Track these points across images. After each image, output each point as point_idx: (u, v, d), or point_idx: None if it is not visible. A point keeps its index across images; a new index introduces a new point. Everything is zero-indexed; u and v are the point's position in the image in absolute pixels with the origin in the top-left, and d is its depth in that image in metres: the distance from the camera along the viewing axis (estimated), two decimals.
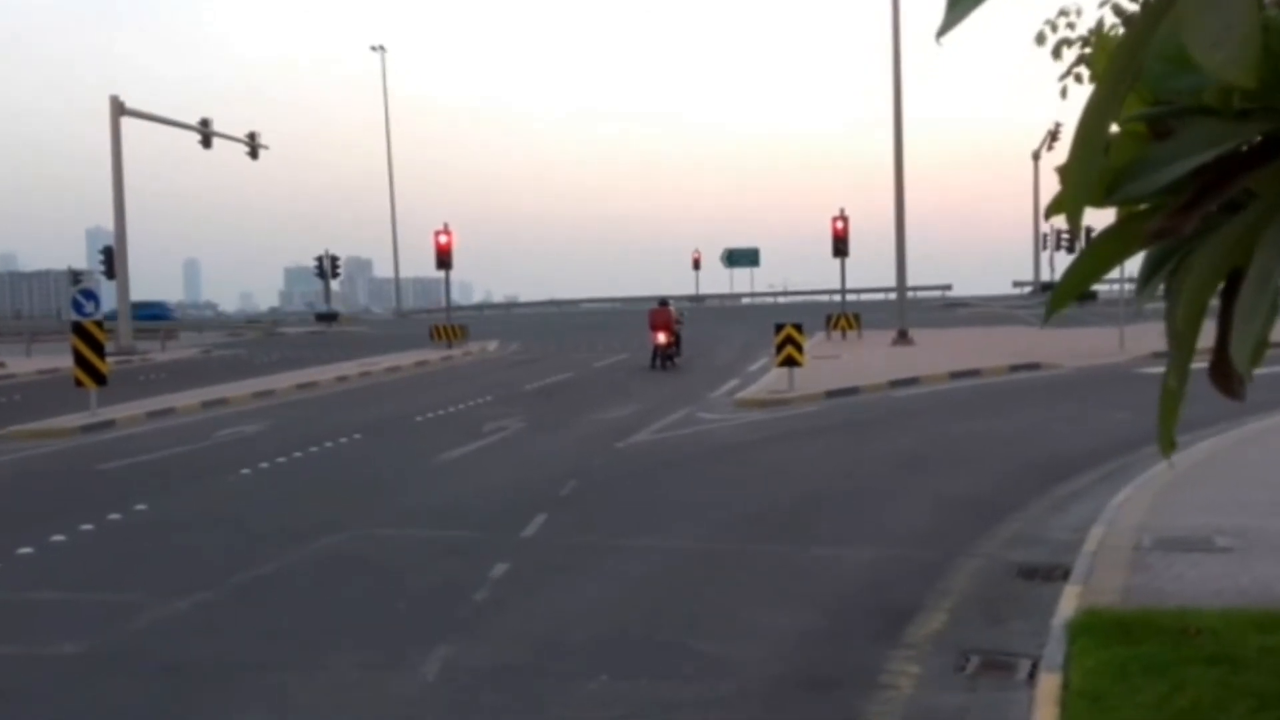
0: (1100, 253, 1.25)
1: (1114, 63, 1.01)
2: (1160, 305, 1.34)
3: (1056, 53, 5.83)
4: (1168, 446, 1.30)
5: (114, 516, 10.83)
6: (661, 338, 25.65)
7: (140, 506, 11.32)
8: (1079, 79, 5.56)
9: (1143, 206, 1.20)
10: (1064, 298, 1.35)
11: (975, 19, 1.18)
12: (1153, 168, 1.12)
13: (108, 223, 38.83)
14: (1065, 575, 7.53)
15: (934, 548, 8.80)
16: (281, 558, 9.14)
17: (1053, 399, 18.35)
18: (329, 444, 15.45)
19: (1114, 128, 1.13)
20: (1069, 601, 6.73)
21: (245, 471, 13.40)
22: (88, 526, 10.43)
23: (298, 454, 14.61)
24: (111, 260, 37.78)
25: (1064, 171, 1.19)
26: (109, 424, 18.25)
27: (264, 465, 13.79)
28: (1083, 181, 1.07)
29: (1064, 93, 5.80)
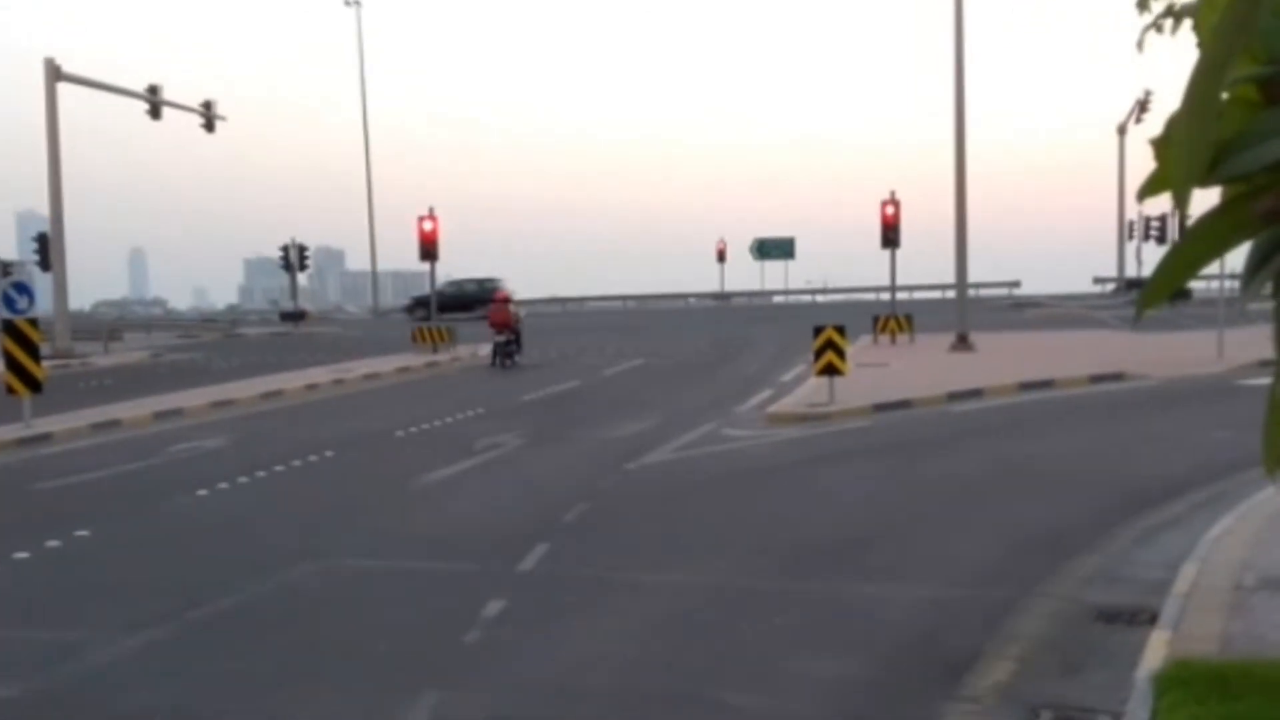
0: (1200, 240, 1.26)
1: (1227, 14, 1.02)
2: (1268, 304, 1.35)
3: (1143, 3, 5.85)
4: (1274, 465, 1.31)
5: (53, 543, 10.92)
6: (501, 334, 29.93)
7: (82, 532, 11.41)
8: (1159, 28, 5.54)
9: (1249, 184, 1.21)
10: (1157, 294, 1.35)
11: None
12: (1264, 138, 1.13)
13: (42, 206, 39.06)
14: (1152, 619, 7.52)
15: (1000, 586, 8.81)
16: (244, 591, 9.20)
17: (1139, 415, 18.31)
18: (297, 462, 15.55)
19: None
20: (1156, 650, 6.73)
21: (202, 493, 13.50)
22: (23, 554, 10.52)
23: (262, 473, 14.71)
24: (46, 249, 38.00)
25: (1161, 144, 1.21)
26: (46, 437, 18.40)
27: (223, 485, 13.89)
28: (1193, 156, 1.08)
29: (1140, 45, 5.80)
